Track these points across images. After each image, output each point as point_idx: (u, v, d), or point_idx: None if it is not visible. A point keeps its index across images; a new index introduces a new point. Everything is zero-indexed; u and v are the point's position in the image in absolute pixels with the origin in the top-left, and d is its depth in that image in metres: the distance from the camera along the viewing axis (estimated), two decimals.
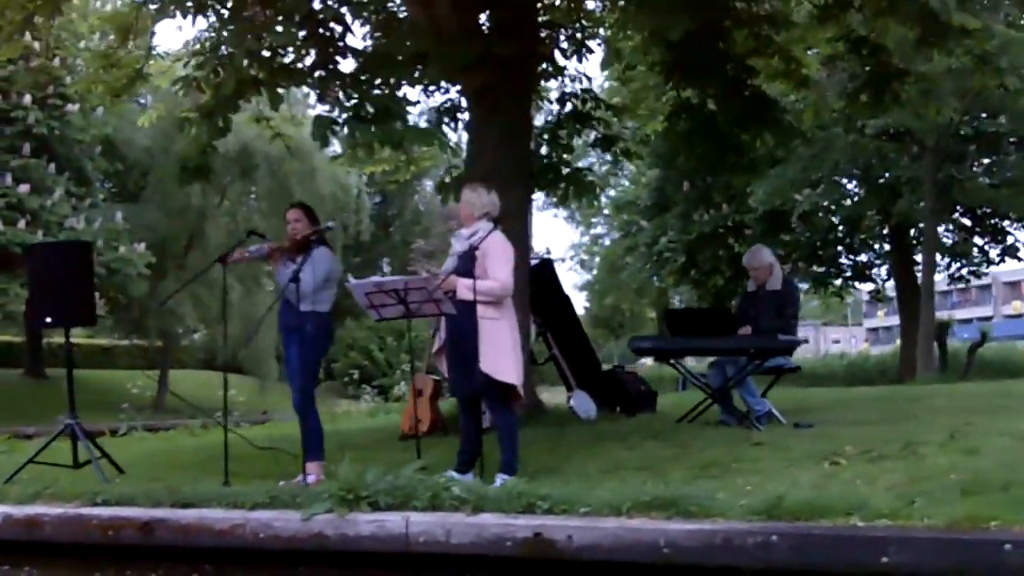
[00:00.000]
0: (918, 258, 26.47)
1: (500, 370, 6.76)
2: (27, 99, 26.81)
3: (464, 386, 7.10)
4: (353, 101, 9.89)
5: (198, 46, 10.74)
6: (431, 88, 12.20)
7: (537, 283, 11.29)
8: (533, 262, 11.93)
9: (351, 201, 39.52)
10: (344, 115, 9.96)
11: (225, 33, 10.15)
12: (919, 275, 26.08)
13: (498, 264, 6.88)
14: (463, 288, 6.84)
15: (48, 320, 8.34)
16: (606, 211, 41.13)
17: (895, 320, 36.84)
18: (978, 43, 9.94)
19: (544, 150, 12.61)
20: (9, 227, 25.83)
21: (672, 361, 10.32)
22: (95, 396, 23.44)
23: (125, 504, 6.59)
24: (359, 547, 5.81)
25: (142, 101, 27.01)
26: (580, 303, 57.67)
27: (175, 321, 34.32)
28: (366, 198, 42.56)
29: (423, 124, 12.88)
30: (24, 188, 26.57)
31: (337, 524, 5.87)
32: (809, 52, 12.91)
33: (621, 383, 11.83)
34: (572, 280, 65.15)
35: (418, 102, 11.99)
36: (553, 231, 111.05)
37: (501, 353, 6.79)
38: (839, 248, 28.69)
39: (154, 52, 12.07)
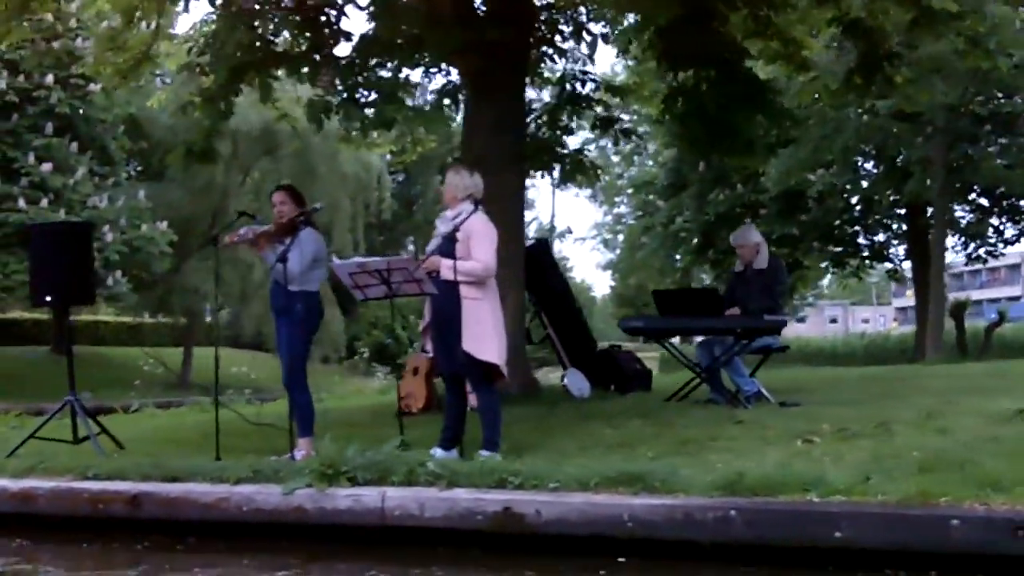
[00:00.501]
0: None
1: (482, 349, 6.86)
2: (49, 79, 26.82)
3: (448, 365, 7.19)
4: (349, 84, 10.01)
5: (202, 31, 10.90)
6: (431, 70, 12.30)
7: (532, 263, 11.42)
8: (529, 243, 12.06)
9: (373, 180, 39.58)
10: (338, 98, 10.09)
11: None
12: None
13: (481, 245, 6.96)
14: (445, 268, 6.92)
15: (48, 299, 8.56)
16: (628, 190, 41.02)
17: None
18: (972, 24, 9.96)
19: (542, 132, 12.67)
20: (32, 206, 25.88)
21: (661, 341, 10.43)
22: (120, 372, 23.70)
23: (115, 478, 6.72)
24: (337, 520, 5.95)
25: (167, 81, 27.04)
26: (604, 282, 57.29)
27: (198, 299, 34.58)
28: (388, 177, 42.52)
29: (426, 106, 12.97)
30: (47, 167, 26.63)
31: (316, 498, 6.01)
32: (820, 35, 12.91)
33: (615, 361, 11.96)
34: (596, 259, 65.02)
35: (419, 84, 12.06)
36: (577, 210, 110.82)
37: (483, 333, 6.88)
38: (856, 228, 28.58)
39: (168, 33, 12.22)
